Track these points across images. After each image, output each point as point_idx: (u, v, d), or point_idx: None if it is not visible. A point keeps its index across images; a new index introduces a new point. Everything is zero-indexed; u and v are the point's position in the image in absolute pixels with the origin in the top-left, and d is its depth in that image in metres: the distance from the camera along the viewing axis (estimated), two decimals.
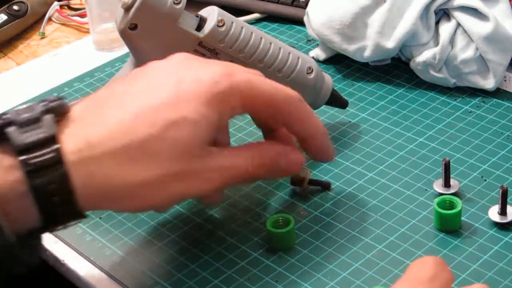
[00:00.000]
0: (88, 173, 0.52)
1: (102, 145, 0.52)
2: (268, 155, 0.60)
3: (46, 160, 0.51)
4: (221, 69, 0.57)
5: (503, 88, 0.79)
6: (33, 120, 0.52)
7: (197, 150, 0.55)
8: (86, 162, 0.52)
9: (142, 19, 0.64)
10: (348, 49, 0.80)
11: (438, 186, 0.66)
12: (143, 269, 0.61)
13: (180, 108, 0.54)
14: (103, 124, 0.53)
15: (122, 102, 0.55)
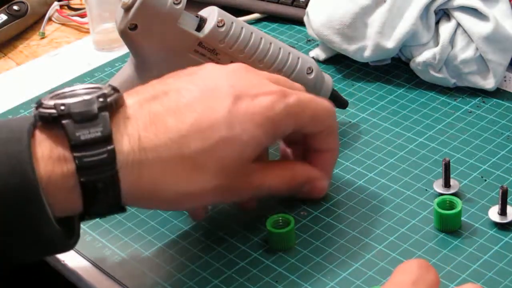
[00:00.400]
0: (137, 176, 0.54)
1: (155, 151, 0.54)
2: (299, 179, 0.63)
3: (99, 160, 0.52)
4: (276, 91, 0.59)
5: (503, 88, 0.79)
6: (90, 117, 0.53)
7: (242, 168, 0.58)
8: (137, 165, 0.54)
9: (142, 19, 0.64)
10: (348, 49, 0.80)
11: (438, 186, 0.66)
12: (143, 269, 0.61)
13: (233, 127, 0.57)
14: (158, 131, 0.55)
15: (179, 109, 0.56)
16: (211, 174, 0.56)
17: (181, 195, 0.56)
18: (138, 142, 0.54)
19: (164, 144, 0.55)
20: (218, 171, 0.56)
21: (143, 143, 0.54)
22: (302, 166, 0.64)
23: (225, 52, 0.66)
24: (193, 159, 0.55)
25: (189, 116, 0.56)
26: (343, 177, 0.69)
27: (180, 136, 0.55)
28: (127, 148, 0.53)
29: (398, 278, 0.49)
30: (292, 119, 0.60)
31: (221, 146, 0.56)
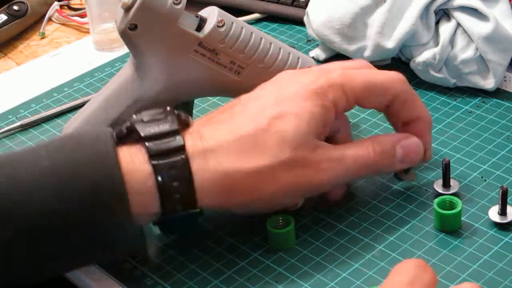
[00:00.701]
0: (204, 164, 0.56)
1: (215, 138, 0.58)
2: (386, 142, 0.62)
3: (168, 146, 0.56)
4: (318, 70, 0.62)
5: (503, 88, 0.79)
6: (158, 118, 0.58)
7: (302, 140, 0.59)
8: (202, 154, 0.57)
9: (142, 19, 0.64)
10: (348, 49, 0.80)
11: (438, 186, 0.66)
12: (143, 269, 0.61)
13: (282, 105, 0.59)
14: (217, 124, 0.59)
15: (233, 111, 0.60)
16: (274, 149, 0.58)
17: (249, 175, 0.57)
18: (199, 135, 0.57)
19: (221, 133, 0.58)
20: (279, 145, 0.58)
21: (203, 135, 0.58)
22: (382, 135, 0.64)
23: (225, 52, 0.66)
24: (252, 140, 0.58)
25: (241, 113, 0.60)
26: None
27: (234, 123, 0.59)
28: (191, 141, 0.57)
29: (395, 278, 0.49)
30: (339, 89, 0.61)
31: (275, 123, 0.58)
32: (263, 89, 0.62)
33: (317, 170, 0.59)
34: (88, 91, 0.85)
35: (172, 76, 0.66)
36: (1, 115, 0.82)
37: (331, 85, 0.61)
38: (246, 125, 0.58)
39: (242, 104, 0.61)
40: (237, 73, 0.67)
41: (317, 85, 0.60)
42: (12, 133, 0.79)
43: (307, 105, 0.59)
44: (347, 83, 0.61)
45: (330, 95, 0.60)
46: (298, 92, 0.60)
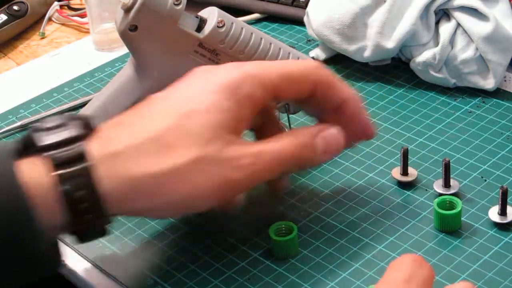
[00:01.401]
0: (110, 168, 0.53)
1: (122, 142, 0.54)
2: (305, 135, 0.59)
3: (71, 155, 0.52)
4: (232, 64, 0.59)
5: (503, 88, 0.79)
6: (58, 125, 0.54)
7: (212, 135, 0.55)
8: (107, 157, 0.53)
9: (142, 20, 0.64)
10: (348, 49, 0.80)
11: (438, 186, 0.66)
12: (143, 269, 0.61)
13: (191, 101, 0.56)
14: (123, 127, 0.56)
15: (141, 112, 0.57)
16: (183, 147, 0.54)
17: (159, 177, 0.53)
18: (106, 139, 0.54)
19: (129, 135, 0.55)
20: (188, 143, 0.55)
21: (111, 138, 0.54)
22: (301, 127, 0.61)
23: (225, 53, 0.66)
24: (160, 139, 0.54)
25: (146, 109, 0.57)
26: (343, 177, 0.69)
27: (142, 125, 0.55)
28: (97, 146, 0.53)
29: (391, 275, 0.49)
30: (254, 80, 0.57)
31: (183, 120, 0.55)
32: (173, 88, 0.59)
33: (233, 168, 0.56)
34: (88, 91, 0.85)
35: (172, 76, 0.66)
36: (1, 115, 0.82)
37: (245, 77, 0.57)
38: (154, 126, 0.55)
39: (150, 105, 0.58)
40: None
41: (230, 79, 0.57)
42: (12, 133, 0.79)
43: (217, 99, 0.56)
44: (262, 74, 0.58)
45: (243, 89, 0.57)
46: (208, 87, 0.57)
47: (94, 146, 0.53)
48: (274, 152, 0.58)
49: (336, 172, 0.70)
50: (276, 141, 0.58)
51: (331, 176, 0.69)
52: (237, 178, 0.56)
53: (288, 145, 0.58)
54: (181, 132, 0.55)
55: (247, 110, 0.57)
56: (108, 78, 0.86)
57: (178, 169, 0.54)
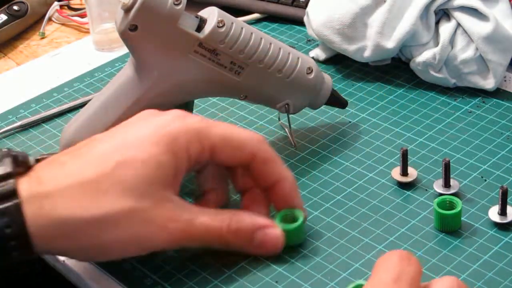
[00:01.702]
0: (38, 207, 0.53)
1: (53, 182, 0.54)
2: (246, 223, 0.59)
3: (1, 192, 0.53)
4: (174, 113, 0.59)
5: (503, 88, 0.79)
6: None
7: (146, 190, 0.55)
8: (36, 197, 0.53)
9: (142, 20, 0.64)
10: (348, 49, 0.80)
11: (438, 186, 0.66)
12: (143, 269, 0.61)
13: (129, 149, 0.56)
14: (57, 167, 0.56)
15: (79, 152, 0.57)
16: (115, 196, 0.54)
17: (87, 223, 0.54)
18: (37, 179, 0.54)
19: (63, 175, 0.55)
20: (121, 192, 0.54)
21: (43, 179, 0.54)
22: (247, 212, 0.60)
23: (225, 53, 0.66)
24: (93, 185, 0.54)
25: (87, 153, 0.56)
26: (343, 177, 0.69)
27: (76, 166, 0.55)
28: (27, 185, 0.54)
29: (379, 276, 0.48)
30: (194, 136, 0.58)
31: (120, 169, 0.55)
32: (115, 130, 0.59)
33: (160, 228, 0.56)
34: (88, 91, 0.85)
35: (172, 76, 0.66)
36: (1, 115, 0.82)
37: (186, 130, 0.57)
38: (89, 169, 0.55)
39: (89, 146, 0.57)
40: (237, 73, 0.67)
41: (170, 129, 0.57)
42: (12, 133, 0.79)
43: (155, 151, 0.56)
44: (203, 130, 0.58)
45: (182, 141, 0.57)
46: (148, 135, 0.57)
47: (23, 185, 0.53)
48: (206, 227, 0.58)
49: (336, 172, 0.70)
50: (213, 216, 0.58)
51: (331, 176, 0.69)
52: (161, 239, 0.57)
53: (223, 226, 0.58)
54: (117, 181, 0.55)
55: (183, 165, 0.58)
56: (108, 78, 0.86)
57: (109, 217, 0.54)
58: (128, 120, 0.60)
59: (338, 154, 0.72)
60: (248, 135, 0.60)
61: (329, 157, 0.72)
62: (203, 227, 0.57)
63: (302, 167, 0.70)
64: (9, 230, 0.52)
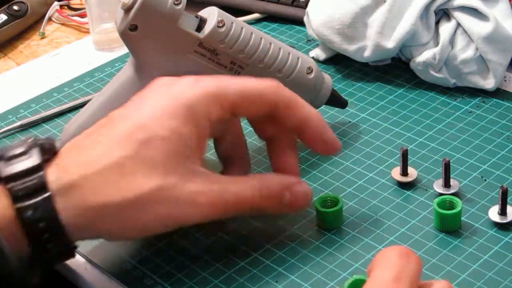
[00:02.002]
0: (68, 198, 0.53)
1: (78, 170, 0.54)
2: (275, 185, 0.59)
3: (31, 186, 0.52)
4: (187, 80, 0.57)
5: (503, 88, 0.79)
6: (20, 153, 0.54)
7: (173, 166, 0.55)
8: (64, 188, 0.53)
9: (142, 20, 0.64)
10: (348, 49, 0.80)
11: (438, 186, 0.66)
12: (143, 269, 0.61)
13: (149, 126, 0.55)
14: (80, 153, 0.55)
15: (99, 135, 0.56)
16: (142, 176, 0.54)
17: (116, 208, 0.53)
18: (64, 168, 0.54)
19: (85, 163, 0.54)
20: (148, 172, 0.54)
21: (68, 167, 0.54)
22: (274, 174, 0.61)
23: (225, 53, 0.66)
24: (118, 169, 0.54)
25: (108, 134, 0.55)
26: (343, 177, 0.69)
27: (99, 150, 0.54)
28: (55, 175, 0.53)
29: (379, 274, 0.47)
30: (213, 99, 0.56)
31: (142, 149, 0.54)
32: (131, 106, 0.58)
33: (192, 205, 0.55)
34: (88, 91, 0.85)
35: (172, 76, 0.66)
36: (1, 115, 0.82)
37: (203, 96, 0.56)
38: (112, 153, 0.54)
39: (109, 126, 0.56)
40: (237, 73, 0.67)
41: (187, 98, 0.56)
42: (12, 133, 0.79)
43: (175, 125, 0.55)
44: (221, 91, 0.57)
45: (201, 108, 0.56)
46: (166, 108, 0.56)
47: (52, 176, 0.53)
48: (238, 197, 0.57)
49: (336, 172, 0.70)
50: (243, 185, 0.57)
51: (331, 176, 0.69)
52: (194, 215, 0.56)
53: (254, 194, 0.58)
54: (141, 161, 0.54)
55: (206, 130, 0.57)
56: (108, 78, 0.86)
57: (138, 200, 0.54)
58: (142, 93, 0.58)
59: (338, 154, 0.72)
60: (265, 85, 0.59)
61: (329, 157, 0.71)
62: (234, 197, 0.57)
63: (302, 167, 0.70)
64: (42, 223, 0.52)
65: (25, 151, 0.54)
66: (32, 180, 0.53)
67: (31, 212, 0.52)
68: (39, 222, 0.52)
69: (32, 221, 0.52)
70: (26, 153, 0.54)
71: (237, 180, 0.58)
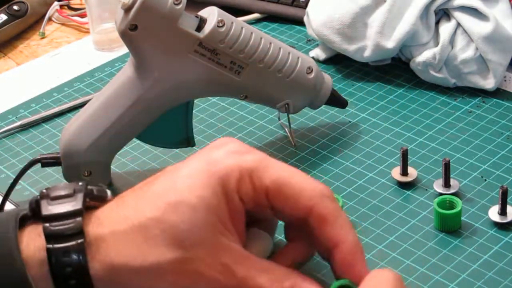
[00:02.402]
0: (95, 250, 0.51)
1: (110, 225, 0.52)
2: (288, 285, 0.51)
3: (66, 230, 0.51)
4: (231, 148, 0.53)
5: (503, 88, 0.79)
6: (65, 195, 0.53)
7: (198, 237, 0.50)
8: (96, 239, 0.51)
9: (142, 20, 0.64)
10: (348, 49, 0.80)
11: (438, 186, 0.66)
12: None
13: (180, 190, 0.51)
14: (117, 206, 0.53)
15: (139, 190, 0.54)
16: (164, 245, 0.50)
17: (138, 274, 0.51)
18: (98, 221, 0.52)
19: (118, 219, 0.52)
20: (170, 241, 0.50)
21: (102, 219, 0.53)
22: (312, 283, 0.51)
23: (225, 52, 0.66)
24: (144, 229, 0.51)
25: (145, 188, 0.53)
26: (343, 177, 0.69)
27: (133, 207, 0.52)
28: (90, 225, 0.52)
29: None
30: (246, 175, 0.51)
31: (169, 212, 0.50)
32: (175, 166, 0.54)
33: (210, 282, 0.50)
34: (88, 91, 0.85)
35: (172, 76, 0.66)
36: (1, 115, 0.82)
37: (237, 169, 0.51)
38: (141, 212, 0.51)
39: (149, 184, 0.53)
40: (237, 73, 0.67)
41: (221, 167, 0.51)
42: (12, 133, 0.79)
43: (205, 194, 0.50)
44: (257, 170, 0.51)
45: (233, 181, 0.51)
46: (199, 174, 0.51)
47: (88, 225, 0.52)
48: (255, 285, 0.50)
49: (336, 172, 0.70)
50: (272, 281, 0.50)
51: (331, 176, 0.69)
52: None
53: None
54: (166, 226, 0.51)
55: (239, 205, 0.52)
56: (108, 78, 0.86)
57: (157, 267, 0.51)
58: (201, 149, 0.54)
59: (338, 154, 0.72)
60: (309, 185, 0.52)
61: (329, 157, 0.72)
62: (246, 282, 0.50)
63: (302, 167, 0.70)
64: (69, 269, 0.51)
65: (71, 194, 0.53)
66: (69, 224, 0.51)
67: (60, 255, 0.51)
68: (66, 266, 0.51)
69: (60, 265, 0.51)
70: (71, 196, 0.53)
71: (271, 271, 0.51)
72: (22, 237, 0.51)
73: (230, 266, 0.50)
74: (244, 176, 0.51)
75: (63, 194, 0.53)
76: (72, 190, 0.53)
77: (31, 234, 0.52)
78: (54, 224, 0.51)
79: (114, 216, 0.52)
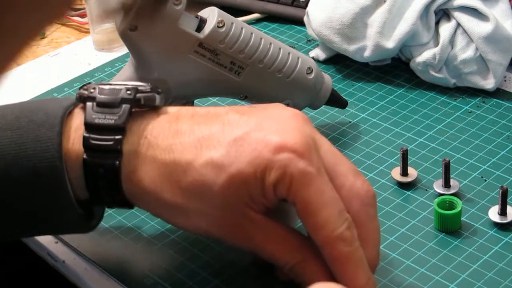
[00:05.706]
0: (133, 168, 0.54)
1: (153, 150, 0.53)
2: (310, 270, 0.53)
3: (104, 146, 0.53)
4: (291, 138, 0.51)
5: (503, 88, 0.79)
6: (111, 104, 0.54)
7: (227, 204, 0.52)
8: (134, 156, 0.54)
9: (142, 20, 0.64)
10: (348, 49, 0.80)
11: (438, 186, 0.66)
12: (143, 269, 0.61)
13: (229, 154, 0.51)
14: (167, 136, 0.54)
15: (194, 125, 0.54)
16: (192, 192, 0.52)
17: (162, 205, 0.54)
18: (144, 140, 0.54)
19: (164, 148, 0.53)
20: (194, 192, 0.52)
21: (148, 141, 0.54)
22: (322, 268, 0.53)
23: (225, 53, 0.66)
24: (182, 171, 0.52)
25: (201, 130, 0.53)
26: None
27: (181, 145, 0.53)
28: (133, 142, 0.54)
29: None
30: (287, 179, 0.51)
31: (205, 168, 0.51)
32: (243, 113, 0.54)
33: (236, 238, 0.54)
34: None
35: (172, 76, 0.66)
36: None
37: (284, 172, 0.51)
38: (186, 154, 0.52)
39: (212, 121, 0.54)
40: (237, 73, 0.67)
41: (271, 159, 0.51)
42: None
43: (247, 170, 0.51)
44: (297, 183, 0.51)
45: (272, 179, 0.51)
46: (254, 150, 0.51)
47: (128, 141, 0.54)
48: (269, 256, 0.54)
49: None
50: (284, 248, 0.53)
51: None
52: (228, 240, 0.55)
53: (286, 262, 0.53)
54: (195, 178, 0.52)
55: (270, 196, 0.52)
56: (108, 78, 0.86)
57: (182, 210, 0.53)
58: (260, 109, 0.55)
59: None
60: (332, 224, 0.51)
61: None
62: (269, 254, 0.54)
63: None
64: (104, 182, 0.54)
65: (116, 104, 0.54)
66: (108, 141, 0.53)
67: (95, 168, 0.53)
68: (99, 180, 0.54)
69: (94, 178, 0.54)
70: (116, 107, 0.54)
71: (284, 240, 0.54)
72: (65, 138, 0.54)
73: (250, 232, 0.53)
74: (285, 178, 0.51)
75: (109, 102, 0.54)
76: (119, 100, 0.54)
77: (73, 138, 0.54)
78: (94, 137, 0.53)
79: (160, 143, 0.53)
